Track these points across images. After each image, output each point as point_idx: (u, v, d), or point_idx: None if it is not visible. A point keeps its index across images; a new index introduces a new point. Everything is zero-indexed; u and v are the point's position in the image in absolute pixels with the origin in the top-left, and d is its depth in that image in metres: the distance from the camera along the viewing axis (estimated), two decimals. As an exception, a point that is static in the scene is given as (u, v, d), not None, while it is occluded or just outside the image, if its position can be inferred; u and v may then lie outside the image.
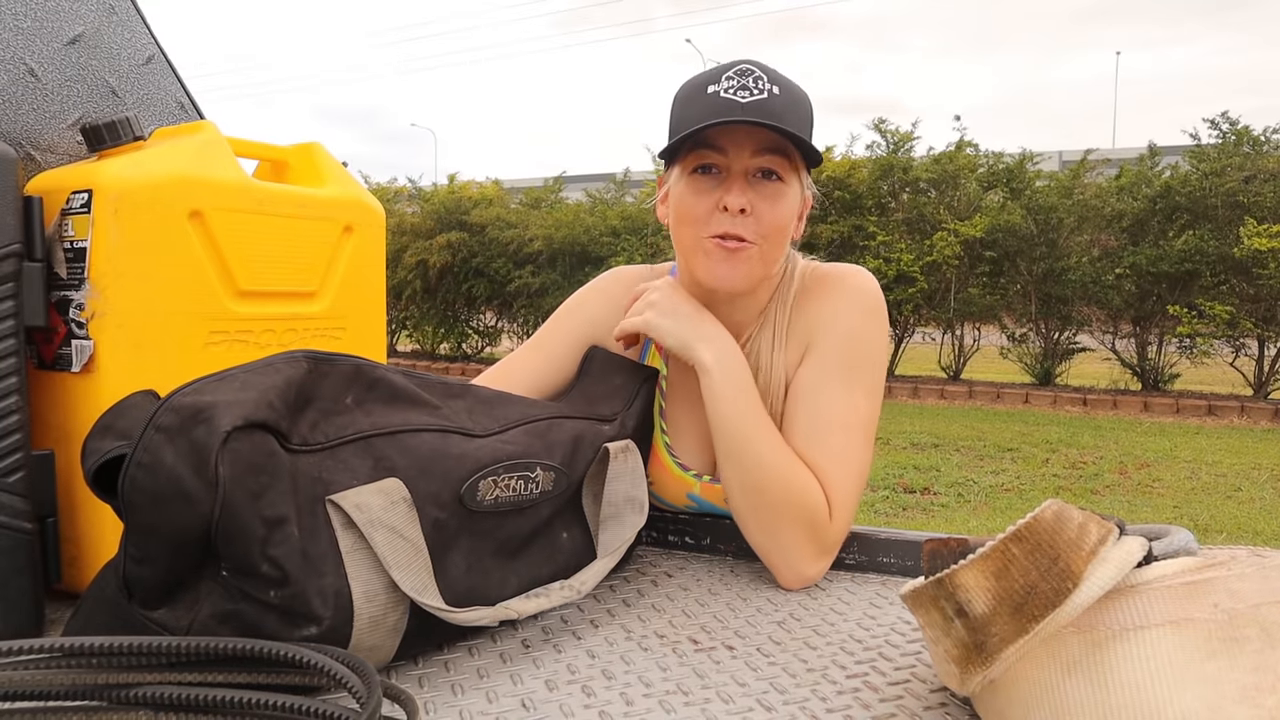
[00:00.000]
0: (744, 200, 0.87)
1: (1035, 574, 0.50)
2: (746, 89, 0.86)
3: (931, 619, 0.55)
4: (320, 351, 0.66)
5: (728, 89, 0.87)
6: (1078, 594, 0.49)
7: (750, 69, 0.88)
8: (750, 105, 0.85)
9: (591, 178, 15.20)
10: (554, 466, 0.78)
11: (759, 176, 0.89)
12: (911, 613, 0.57)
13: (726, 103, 0.86)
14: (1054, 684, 0.51)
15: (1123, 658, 0.49)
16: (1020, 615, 0.50)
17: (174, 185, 0.79)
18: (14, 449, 0.71)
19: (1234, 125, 7.50)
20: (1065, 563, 0.50)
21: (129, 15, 0.97)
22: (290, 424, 0.62)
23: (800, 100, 0.89)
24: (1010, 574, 0.51)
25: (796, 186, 0.91)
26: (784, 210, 0.90)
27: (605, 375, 0.95)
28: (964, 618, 0.52)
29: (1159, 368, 7.99)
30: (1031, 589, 0.50)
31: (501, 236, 9.74)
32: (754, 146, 0.88)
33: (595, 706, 0.61)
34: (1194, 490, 4.53)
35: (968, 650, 0.53)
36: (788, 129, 0.85)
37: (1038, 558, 0.50)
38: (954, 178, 8.16)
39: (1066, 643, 0.50)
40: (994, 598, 0.51)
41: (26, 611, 0.71)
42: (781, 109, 0.86)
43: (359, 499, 0.63)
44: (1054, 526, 0.51)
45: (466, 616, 0.66)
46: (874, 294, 0.96)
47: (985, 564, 0.52)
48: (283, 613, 0.59)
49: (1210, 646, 0.48)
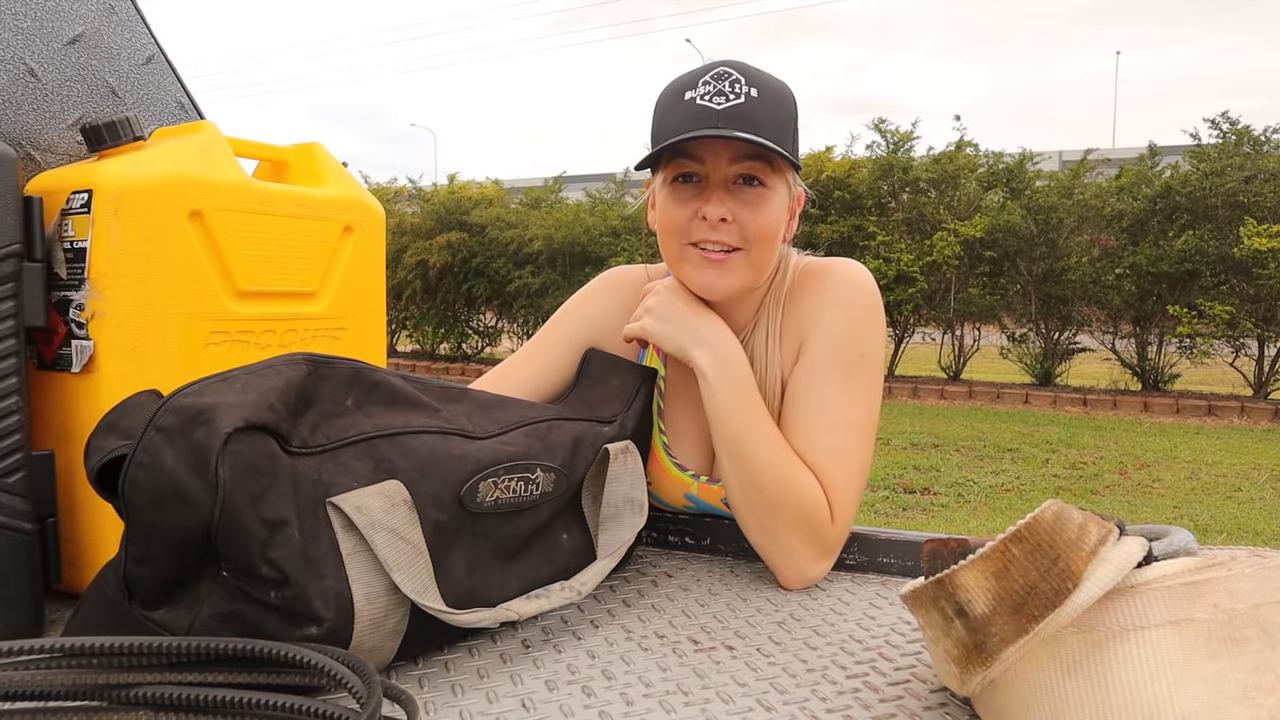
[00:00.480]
0: (723, 210, 0.87)
1: (1035, 574, 0.50)
2: (723, 94, 0.85)
3: (931, 619, 0.55)
4: (319, 354, 0.66)
5: (704, 95, 0.85)
6: (1078, 594, 0.49)
7: (727, 72, 0.86)
8: (726, 112, 0.84)
9: (591, 178, 15.20)
10: (554, 468, 0.78)
11: (740, 183, 0.88)
12: (911, 613, 0.57)
13: (702, 110, 0.84)
14: (1054, 684, 0.51)
15: (1123, 658, 0.49)
16: (1020, 615, 0.50)
17: (174, 185, 0.79)
18: (14, 449, 0.71)
19: (1234, 125, 7.50)
20: (1065, 563, 0.50)
21: (129, 15, 0.97)
22: (291, 426, 0.61)
23: (780, 100, 0.88)
24: (1010, 574, 0.51)
25: (782, 188, 0.90)
26: (767, 215, 0.88)
27: (603, 377, 0.95)
28: (964, 618, 0.52)
29: (1159, 368, 7.99)
30: (1031, 589, 0.50)
31: (501, 237, 9.74)
32: (731, 154, 0.87)
33: (595, 707, 0.61)
34: (1194, 490, 4.53)
35: (968, 650, 0.53)
36: (759, 140, 0.83)
37: (1038, 558, 0.50)
38: (954, 178, 8.16)
39: (1067, 643, 0.50)
40: (994, 598, 0.51)
41: (26, 611, 0.71)
42: (759, 112, 0.85)
43: (360, 501, 0.63)
44: (1054, 527, 0.51)
45: (467, 618, 0.65)
46: (866, 287, 0.94)
47: (985, 564, 0.52)
48: (283, 614, 0.59)
49: (1210, 647, 0.48)
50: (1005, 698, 0.54)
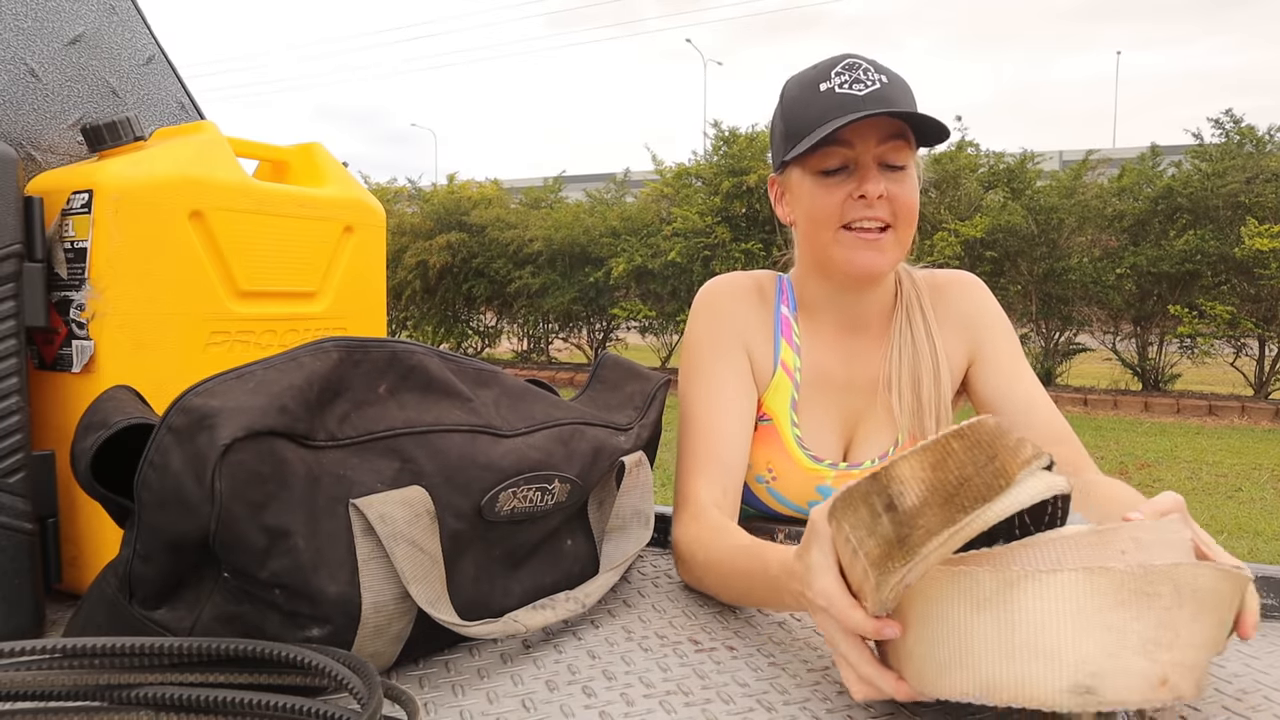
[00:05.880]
0: (880, 187, 0.91)
1: (971, 468, 0.51)
2: (860, 81, 0.90)
3: (859, 518, 0.54)
4: (354, 338, 0.64)
5: (842, 84, 0.90)
6: (1008, 494, 0.50)
7: (857, 62, 0.92)
8: (869, 96, 0.89)
9: (591, 178, 15.20)
10: (570, 479, 0.76)
11: (885, 165, 0.93)
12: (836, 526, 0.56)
13: (846, 97, 0.89)
14: (962, 619, 0.51)
15: (1032, 598, 0.50)
16: (949, 506, 0.50)
17: (174, 185, 0.79)
18: (14, 449, 0.71)
19: (1239, 124, 7.49)
20: (1001, 462, 0.50)
21: (129, 15, 0.97)
22: (312, 422, 0.60)
23: (906, 84, 0.93)
24: (947, 465, 0.51)
25: (914, 168, 0.95)
26: (913, 190, 0.94)
27: (618, 383, 0.93)
28: (892, 511, 0.52)
29: (1160, 368, 7.99)
30: (965, 481, 0.50)
31: (501, 237, 9.74)
32: (879, 135, 0.91)
33: (596, 707, 0.61)
34: (1195, 490, 4.53)
35: (890, 547, 0.52)
36: (916, 112, 0.88)
37: (975, 454, 0.51)
38: (955, 178, 8.16)
39: (979, 580, 0.51)
40: (927, 488, 0.51)
41: (27, 612, 0.71)
42: (896, 94, 0.90)
43: (384, 509, 0.62)
44: (995, 432, 0.52)
45: (477, 630, 0.65)
46: None
47: (924, 455, 0.52)
48: (286, 615, 0.59)
49: (1120, 596, 0.49)
50: (914, 636, 0.54)
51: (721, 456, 0.94)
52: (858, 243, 0.93)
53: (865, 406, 1.01)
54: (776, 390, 1.01)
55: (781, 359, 1.02)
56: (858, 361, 1.02)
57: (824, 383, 1.01)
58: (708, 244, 8.45)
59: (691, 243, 8.43)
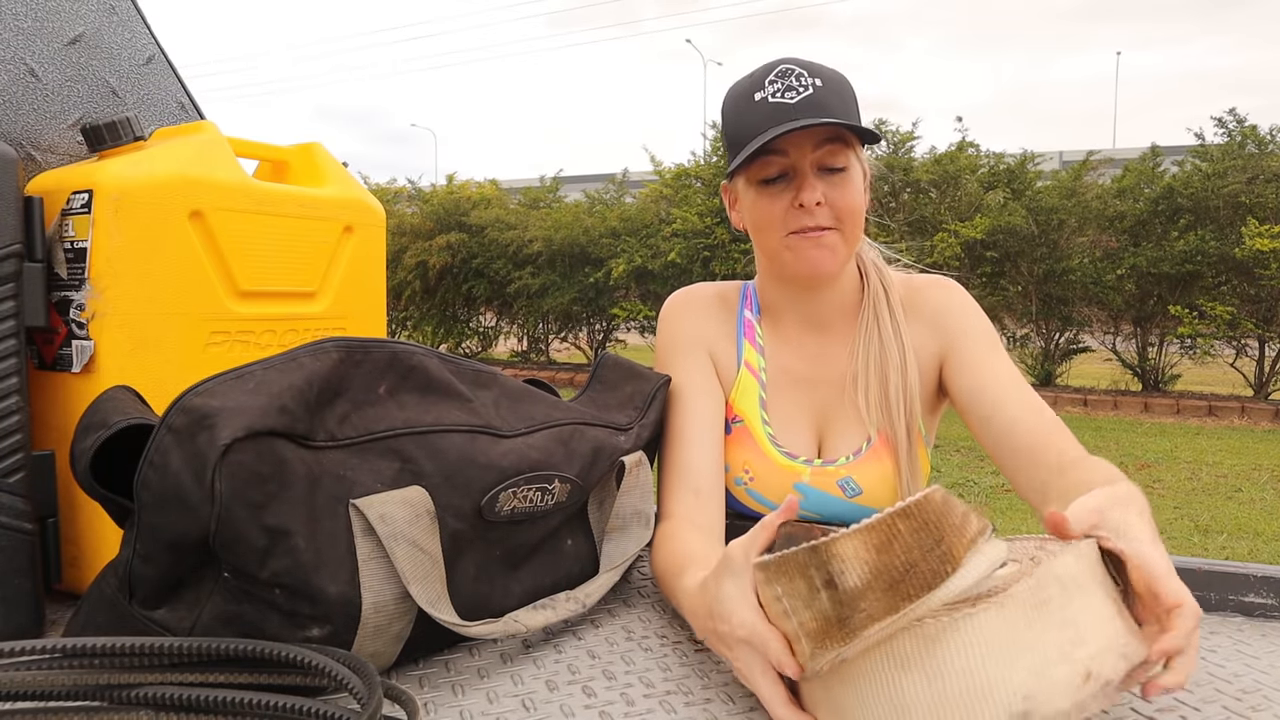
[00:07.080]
0: (817, 194, 0.91)
1: (917, 552, 0.49)
2: (792, 89, 0.90)
3: (795, 588, 0.53)
4: (354, 338, 0.64)
5: (775, 93, 0.90)
6: (955, 578, 0.49)
7: (790, 68, 0.91)
8: (801, 104, 0.89)
9: (590, 178, 15.20)
10: (571, 479, 0.76)
11: (822, 172, 0.93)
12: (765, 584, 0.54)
13: (778, 107, 0.89)
14: (889, 681, 0.51)
15: (956, 648, 0.49)
16: (894, 593, 0.49)
17: (174, 185, 0.79)
18: (15, 449, 0.71)
19: (1241, 123, 7.48)
20: (948, 545, 0.49)
21: (129, 15, 0.97)
22: (312, 422, 0.60)
23: (842, 84, 0.93)
24: (893, 549, 0.49)
25: (857, 165, 0.95)
26: (853, 193, 0.94)
27: (618, 383, 0.93)
28: (831, 589, 0.50)
29: (1160, 368, 7.98)
30: (911, 567, 0.49)
31: (501, 237, 9.74)
32: (814, 141, 0.91)
33: (596, 707, 0.61)
34: (1195, 491, 4.53)
35: (828, 624, 0.51)
36: (844, 121, 0.88)
37: (921, 537, 0.49)
38: (955, 178, 8.16)
39: (898, 640, 0.50)
40: (871, 571, 0.49)
41: (27, 612, 0.71)
42: (829, 99, 0.90)
43: (384, 509, 0.62)
44: (942, 509, 0.50)
45: (477, 630, 0.65)
46: None
47: (868, 535, 0.50)
48: (286, 615, 0.59)
49: (1027, 615, 0.50)
50: (841, 692, 0.53)
51: (689, 462, 0.94)
52: (805, 244, 0.93)
53: (834, 403, 1.01)
54: (743, 391, 1.01)
55: (745, 359, 1.02)
56: (823, 359, 1.02)
57: (790, 380, 1.01)
58: (707, 245, 8.45)
59: (691, 243, 8.44)
